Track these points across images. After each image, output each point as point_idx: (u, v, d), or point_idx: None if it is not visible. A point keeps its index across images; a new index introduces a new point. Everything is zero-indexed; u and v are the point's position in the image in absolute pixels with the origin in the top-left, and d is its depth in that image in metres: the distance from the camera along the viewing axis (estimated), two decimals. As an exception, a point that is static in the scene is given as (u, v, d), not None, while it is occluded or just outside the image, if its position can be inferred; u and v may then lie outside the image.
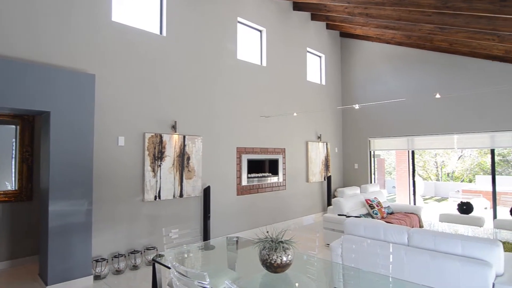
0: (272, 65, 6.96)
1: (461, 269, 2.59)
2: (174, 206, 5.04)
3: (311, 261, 2.94)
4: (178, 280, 2.06)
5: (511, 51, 5.84)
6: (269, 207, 6.70)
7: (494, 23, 4.65)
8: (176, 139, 5.05)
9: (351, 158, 9.01)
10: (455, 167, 17.06)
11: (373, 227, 3.33)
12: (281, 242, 2.27)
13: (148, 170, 4.68)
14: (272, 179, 6.79)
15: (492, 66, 6.62)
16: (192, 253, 3.20)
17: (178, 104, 5.17)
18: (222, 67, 5.90)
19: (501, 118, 6.55)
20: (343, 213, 5.58)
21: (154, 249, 4.65)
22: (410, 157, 8.59)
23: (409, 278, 2.79)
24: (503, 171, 13.71)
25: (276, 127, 6.95)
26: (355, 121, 8.91)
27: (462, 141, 7.18)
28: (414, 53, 7.75)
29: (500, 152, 13.19)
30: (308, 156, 7.78)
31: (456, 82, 7.07)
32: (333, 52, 8.95)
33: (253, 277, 2.50)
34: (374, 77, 8.50)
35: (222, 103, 5.87)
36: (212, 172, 5.61)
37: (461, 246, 2.74)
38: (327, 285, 2.63)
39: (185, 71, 5.29)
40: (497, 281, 2.50)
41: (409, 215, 6.14)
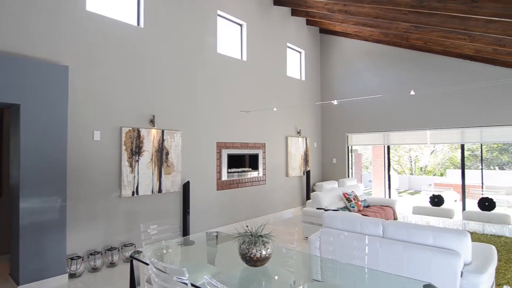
0: (253, 60, 6.94)
1: (432, 258, 2.71)
2: (152, 201, 4.97)
3: (290, 254, 2.99)
4: (157, 276, 2.04)
5: (481, 51, 6.10)
6: (249, 202, 6.73)
7: (466, 23, 4.84)
8: (155, 133, 4.96)
9: (329, 153, 9.18)
10: (428, 162, 17.76)
11: (350, 220, 3.42)
12: (260, 236, 2.29)
13: (125, 166, 4.57)
14: (252, 174, 6.81)
15: (463, 65, 6.91)
16: (171, 249, 3.17)
17: (156, 98, 5.07)
18: (202, 60, 5.82)
19: (470, 115, 6.86)
20: (321, 206, 5.69)
21: (132, 246, 4.57)
22: (385, 152, 8.86)
23: (384, 268, 2.90)
24: (472, 165, 14.41)
25: (256, 122, 6.96)
26: (334, 117, 9.07)
27: (435, 136, 7.47)
28: (391, 51, 7.95)
29: (469, 147, 13.83)
30: (288, 151, 7.85)
31: (430, 80, 7.33)
32: (313, 48, 9.03)
33: (232, 271, 2.52)
34: (353, 73, 8.66)
35: (202, 97, 5.81)
36: (191, 167, 5.56)
37: (432, 237, 2.86)
38: (305, 277, 2.69)
39: (163, 64, 5.19)
40: (465, 270, 2.64)
41: (384, 208, 6.35)
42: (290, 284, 2.37)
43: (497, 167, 14.87)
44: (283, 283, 2.39)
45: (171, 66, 5.30)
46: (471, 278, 2.56)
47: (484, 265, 2.71)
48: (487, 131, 6.75)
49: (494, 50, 5.82)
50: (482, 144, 7.81)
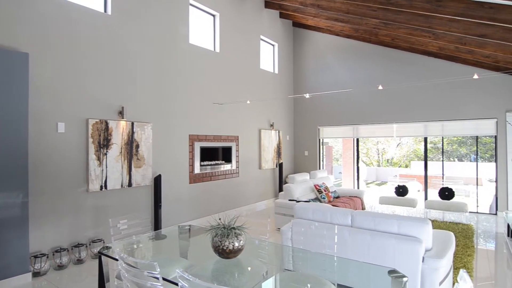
0: (226, 52, 6.87)
1: (396, 246, 2.85)
2: (122, 196, 4.83)
3: (262, 245, 3.03)
4: (127, 272, 2.00)
5: (444, 48, 6.42)
6: (222, 195, 6.72)
7: (431, 21, 5.06)
8: (124, 125, 4.79)
9: (301, 146, 9.34)
10: (394, 154, 18.58)
11: (321, 211, 3.52)
12: (233, 228, 2.30)
13: (92, 159, 4.39)
14: (225, 166, 6.79)
15: (428, 61, 7.24)
16: (142, 243, 3.11)
17: (125, 89, 4.89)
18: (173, 51, 5.68)
19: (433, 109, 7.24)
20: (293, 198, 5.80)
21: (100, 242, 4.43)
22: (355, 144, 9.15)
23: (352, 256, 3.02)
24: (434, 157, 15.25)
25: (229, 114, 6.92)
26: (306, 110, 9.21)
27: (400, 130, 7.82)
28: (361, 46, 8.17)
29: (431, 140, 14.61)
30: (261, 144, 7.90)
31: (397, 75, 7.62)
32: (286, 41, 9.07)
33: (205, 264, 2.51)
34: (325, 67, 8.82)
35: (174, 88, 5.68)
36: (163, 160, 5.45)
37: (397, 225, 3.01)
38: (277, 267, 2.74)
39: (133, 54, 5.00)
40: (426, 255, 2.81)
41: (353, 198, 6.59)
42: (262, 275, 2.41)
43: (456, 159, 15.86)
44: (256, 273, 2.43)
45: (141, 55, 5.12)
46: (431, 262, 2.73)
47: (443, 250, 2.89)
48: (448, 125, 7.16)
49: (456, 48, 6.14)
50: (443, 137, 8.27)
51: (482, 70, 6.54)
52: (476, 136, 7.76)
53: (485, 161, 12.46)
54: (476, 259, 4.27)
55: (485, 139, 11.83)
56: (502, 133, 6.52)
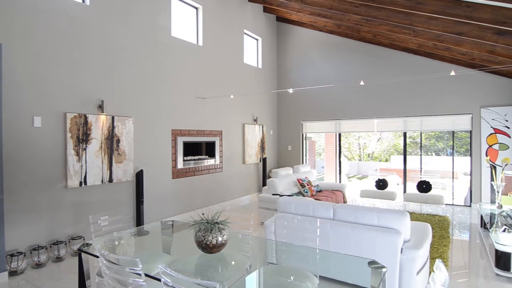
0: (209, 45, 6.79)
1: (376, 238, 2.94)
2: (103, 192, 4.72)
3: (246, 240, 3.04)
4: (108, 269, 1.97)
5: (423, 45, 6.58)
6: (205, 190, 6.69)
7: (411, 18, 5.17)
8: (104, 120, 4.68)
9: (285, 140, 9.40)
10: (375, 148, 19.01)
11: (303, 205, 3.57)
12: (216, 223, 2.30)
13: (71, 154, 4.27)
14: (209, 161, 6.76)
15: (407, 58, 7.41)
16: (124, 240, 3.06)
17: (105, 82, 4.76)
18: (155, 43, 5.56)
19: (412, 105, 7.43)
20: (277, 192, 5.85)
21: (80, 239, 4.33)
22: (337, 139, 9.29)
23: (334, 248, 3.08)
24: (413, 152, 15.70)
25: (213, 109, 6.87)
26: (289, 105, 9.26)
27: (381, 125, 8.00)
28: (343, 42, 8.26)
29: (410, 135, 15.02)
30: (245, 139, 7.90)
31: (378, 71, 7.77)
32: (269, 36, 9.05)
33: (188, 259, 2.51)
34: (308, 62, 8.87)
35: (156, 82, 5.57)
36: (145, 156, 5.36)
37: (377, 218, 3.09)
38: (261, 261, 2.77)
39: (112, 46, 4.86)
40: (405, 246, 2.90)
41: (335, 192, 6.71)
42: (245, 268, 2.43)
43: (433, 153, 16.39)
44: (239, 267, 2.44)
45: (121, 48, 4.99)
46: (409, 253, 2.83)
47: (420, 241, 3.00)
48: (426, 120, 7.37)
49: (434, 45, 6.31)
50: (421, 132, 8.52)
51: (459, 67, 6.76)
52: (452, 131, 8.04)
53: (461, 155, 12.94)
54: (451, 249, 4.45)
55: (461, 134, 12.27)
56: (477, 128, 6.78)
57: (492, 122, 6.58)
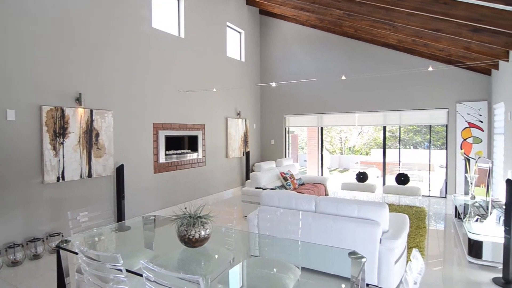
0: (191, 38, 6.68)
1: (356, 229, 3.01)
2: (82, 187, 4.60)
3: (229, 233, 3.06)
4: (88, 266, 1.93)
5: (403, 41, 6.73)
6: (188, 184, 6.64)
7: (391, 14, 5.26)
8: (82, 113, 4.54)
9: (268, 134, 9.43)
10: (356, 142, 19.38)
11: (286, 198, 3.61)
12: (199, 217, 2.30)
13: (48, 149, 4.13)
14: (191, 155, 6.70)
15: (388, 53, 7.55)
16: (105, 235, 3.01)
17: (83, 74, 4.61)
18: (135, 34, 5.42)
19: (391, 99, 7.61)
20: (260, 186, 5.88)
21: (59, 235, 4.22)
22: (319, 133, 9.41)
23: (315, 240, 3.14)
24: (392, 145, 16.11)
25: (195, 102, 6.79)
26: (272, 99, 9.28)
27: (362, 119, 8.15)
28: (325, 36, 8.32)
29: (390, 129, 15.39)
30: (228, 132, 7.86)
31: (359, 66, 7.88)
32: (252, 29, 8.99)
33: (171, 254, 2.49)
34: (291, 56, 8.89)
35: (136, 75, 5.44)
36: (125, 150, 5.25)
37: (357, 209, 3.17)
38: (244, 254, 2.79)
39: (90, 37, 4.70)
40: (383, 237, 2.99)
41: (317, 185, 6.82)
42: (229, 262, 2.44)
43: (412, 146, 16.88)
44: (222, 261, 2.45)
45: (99, 38, 4.83)
46: (388, 243, 2.92)
47: (398, 232, 3.10)
48: (405, 114, 7.57)
49: (413, 41, 6.46)
50: (400, 126, 8.75)
51: (437, 63, 6.95)
52: (429, 125, 8.30)
53: (437, 149, 13.39)
54: (428, 239, 4.63)
55: (437, 128, 12.69)
56: (453, 123, 7.02)
57: (467, 117, 6.84)
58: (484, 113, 6.67)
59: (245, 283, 2.12)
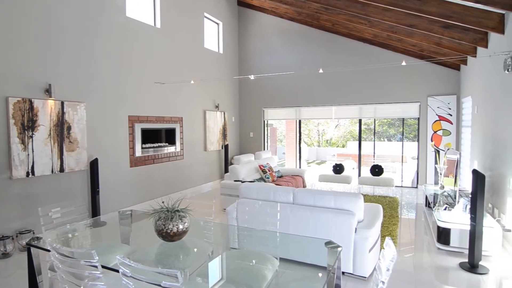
0: (167, 28, 6.51)
1: (333, 219, 3.09)
2: (53, 182, 4.43)
3: (208, 226, 3.05)
4: (61, 263, 1.87)
5: (378, 36, 6.88)
6: (166, 178, 6.55)
7: (367, 9, 5.35)
8: (52, 105, 4.34)
9: (247, 127, 9.43)
10: (333, 135, 19.77)
11: (265, 190, 3.64)
12: (177, 211, 2.28)
13: (15, 142, 3.93)
14: (169, 149, 6.59)
15: (363, 47, 7.70)
16: (79, 232, 2.92)
17: (52, 64, 4.39)
18: (108, 23, 5.21)
19: (367, 93, 7.79)
20: (239, 179, 5.89)
21: (29, 233, 4.05)
22: (297, 126, 9.51)
23: (294, 231, 3.20)
24: (367, 138, 16.57)
25: (172, 95, 6.66)
26: (251, 92, 9.26)
27: (339, 112, 8.31)
28: (303, 30, 8.35)
29: (365, 121, 15.79)
30: (206, 125, 7.79)
31: (336, 60, 8.00)
32: (230, 20, 8.89)
33: (149, 248, 2.46)
34: (269, 49, 8.88)
35: (110, 65, 5.26)
36: (100, 143, 5.09)
37: (334, 200, 3.25)
38: (223, 246, 2.80)
39: (60, 25, 4.48)
40: (359, 226, 3.09)
41: (295, 177, 6.91)
42: (208, 255, 2.45)
43: (386, 139, 17.43)
44: (201, 254, 2.45)
45: (70, 27, 4.61)
46: (362, 232, 3.03)
47: (372, 221, 3.21)
48: (380, 108, 7.78)
49: (388, 36, 6.62)
50: (375, 119, 8.99)
51: (410, 58, 7.17)
52: (402, 118, 8.59)
53: (410, 141, 13.90)
54: (400, 227, 4.82)
55: (410, 121, 13.14)
56: (424, 116, 7.30)
57: (437, 110, 7.12)
58: (453, 106, 6.98)
59: (224, 276, 2.13)
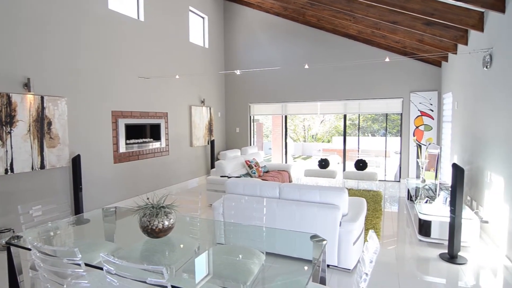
0: (151, 21, 6.38)
1: (318, 213, 3.14)
2: (34, 179, 4.31)
3: (194, 222, 3.04)
4: (43, 262, 1.83)
5: (362, 32, 6.95)
6: (151, 174, 6.47)
7: (351, 5, 5.39)
8: (32, 100, 4.20)
9: (233, 123, 9.40)
10: (318, 130, 19.96)
11: (251, 185, 3.65)
12: (162, 207, 2.26)
13: (-8, 139, 3.79)
14: (154, 144, 6.50)
15: (348, 43, 7.78)
16: (61, 229, 2.86)
17: (31, 58, 4.24)
18: (90, 16, 5.07)
19: (351, 89, 7.89)
20: (225, 174, 5.88)
21: (9, 231, 3.93)
22: (283, 121, 9.55)
23: (280, 225, 3.23)
24: (352, 133, 16.80)
25: (157, 90, 6.56)
26: (237, 87, 9.22)
27: (324, 107, 8.39)
28: (289, 25, 8.36)
29: (350, 117, 16.00)
30: (192, 121, 7.72)
31: (321, 55, 8.05)
32: (216, 14, 8.79)
33: (134, 245, 2.44)
34: (255, 44, 8.84)
35: (92, 59, 5.12)
36: (82, 139, 4.97)
37: (319, 195, 3.30)
38: (210, 242, 2.80)
39: (39, 16, 4.32)
40: (343, 220, 3.15)
41: (281, 172, 6.96)
42: (194, 250, 2.44)
43: (370, 134, 17.73)
44: (187, 250, 2.45)
45: (49, 19, 4.45)
46: (347, 226, 3.08)
47: (357, 215, 3.28)
48: (364, 103, 7.90)
49: (372, 32, 6.70)
50: (359, 115, 9.12)
51: (393, 54, 7.29)
52: (386, 114, 8.75)
53: (393, 136, 14.18)
54: (383, 220, 4.94)
55: (393, 116, 13.39)
56: (406, 111, 7.46)
57: (419, 106, 7.29)
58: (435, 102, 7.16)
59: (211, 271, 2.13)
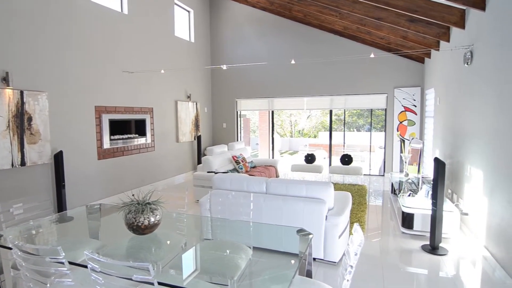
0: (135, 14, 6.25)
1: (304, 207, 3.17)
2: (14, 176, 4.18)
3: (180, 218, 3.03)
4: (24, 261, 1.79)
5: (348, 28, 7.01)
6: (136, 170, 6.38)
7: (337, 1, 5.42)
8: (10, 94, 4.06)
9: (220, 118, 9.35)
10: (305, 125, 20.10)
11: (238, 180, 3.65)
12: (148, 203, 2.24)
13: (-32, 135, 3.65)
14: (139, 140, 6.41)
15: (334, 39, 7.83)
16: (44, 228, 2.79)
17: (9, 51, 4.09)
18: (71, 8, 4.92)
19: (337, 84, 7.96)
20: (212, 170, 5.86)
21: (-12, 230, 3.81)
22: (270, 117, 9.57)
23: (267, 220, 3.25)
24: (338, 128, 17.00)
25: (142, 84, 6.45)
26: (224, 82, 9.16)
27: (310, 103, 8.44)
28: (276, 20, 8.34)
29: (336, 112, 16.17)
30: (178, 116, 7.64)
31: (308, 51, 8.07)
32: (202, 8, 8.68)
33: (119, 242, 2.41)
34: (241, 39, 8.79)
35: (74, 53, 4.98)
36: (64, 135, 4.85)
37: (305, 189, 3.33)
38: (197, 237, 2.80)
39: (18, 9, 4.16)
40: (329, 214, 3.19)
41: (268, 167, 6.99)
42: (181, 246, 2.43)
43: (355, 129, 17.98)
44: (174, 246, 2.44)
45: (28, 10, 4.30)
46: (332, 220, 3.13)
47: (342, 209, 3.33)
48: (349, 99, 7.99)
49: (357, 28, 6.76)
50: (345, 110, 9.23)
51: (378, 50, 7.39)
52: (371, 109, 8.88)
53: (377, 131, 14.42)
54: (368, 214, 5.04)
55: (378, 111, 13.61)
56: (391, 107, 7.59)
57: (403, 101, 7.43)
58: (418, 98, 7.31)
59: (198, 266, 2.13)
